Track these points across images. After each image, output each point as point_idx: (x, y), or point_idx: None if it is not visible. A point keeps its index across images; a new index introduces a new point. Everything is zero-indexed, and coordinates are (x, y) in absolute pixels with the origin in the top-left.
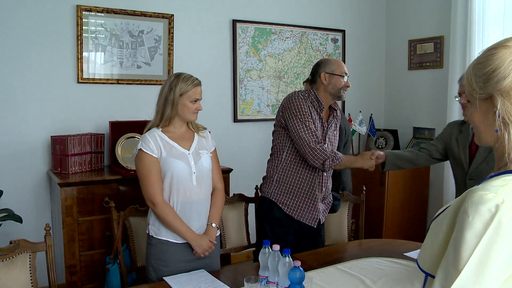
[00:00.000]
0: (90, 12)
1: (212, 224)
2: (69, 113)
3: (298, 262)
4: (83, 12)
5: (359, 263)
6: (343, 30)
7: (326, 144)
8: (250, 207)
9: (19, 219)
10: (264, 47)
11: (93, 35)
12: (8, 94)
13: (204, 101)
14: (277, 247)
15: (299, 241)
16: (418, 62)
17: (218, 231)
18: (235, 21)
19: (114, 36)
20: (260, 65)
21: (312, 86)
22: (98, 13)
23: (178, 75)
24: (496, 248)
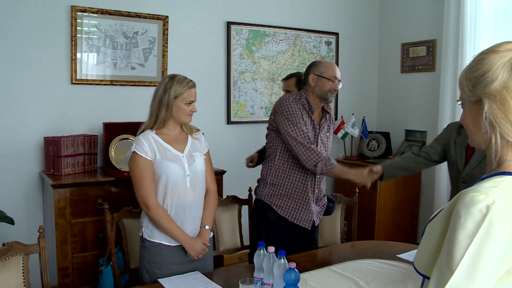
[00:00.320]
0: (84, 13)
1: (206, 226)
2: (63, 114)
3: (293, 264)
4: (77, 13)
5: (353, 265)
6: (337, 33)
7: (319, 146)
8: (244, 209)
9: (11, 221)
10: (258, 49)
11: (87, 36)
12: (1, 95)
13: (198, 103)
14: (272, 249)
15: (294, 243)
16: (411, 65)
17: (211, 233)
18: (230, 23)
19: (108, 37)
20: (254, 67)
21: (304, 88)
22: (92, 14)
23: (173, 77)
24: (488, 248)
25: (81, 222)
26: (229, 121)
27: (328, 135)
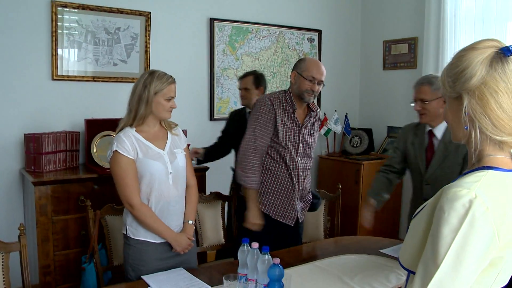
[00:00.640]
0: (65, 8)
1: (189, 221)
2: (43, 111)
3: (277, 260)
4: (58, 8)
5: (337, 260)
6: (320, 30)
7: (301, 144)
8: (227, 206)
9: None
10: (241, 46)
11: (68, 32)
12: None
13: (181, 99)
14: (256, 245)
15: (278, 239)
16: (393, 63)
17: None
18: (212, 20)
19: (90, 33)
20: (237, 64)
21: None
22: (74, 9)
23: (152, 73)
24: (472, 242)
25: (63, 220)
26: (212, 118)
27: (312, 133)
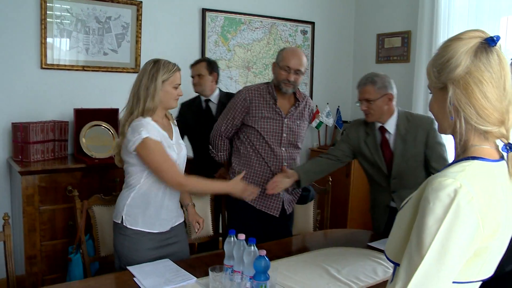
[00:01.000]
0: None
1: (190, 204)
2: (32, 100)
3: (263, 251)
4: None
5: (324, 253)
6: (313, 22)
7: (285, 134)
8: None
9: None
10: (234, 37)
11: (58, 20)
12: None
13: None
14: (243, 236)
15: (267, 231)
16: (386, 56)
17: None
18: (205, 10)
19: (80, 22)
20: (229, 55)
21: None
22: None
23: (156, 62)
24: (457, 232)
25: (50, 210)
26: None
27: (299, 123)
